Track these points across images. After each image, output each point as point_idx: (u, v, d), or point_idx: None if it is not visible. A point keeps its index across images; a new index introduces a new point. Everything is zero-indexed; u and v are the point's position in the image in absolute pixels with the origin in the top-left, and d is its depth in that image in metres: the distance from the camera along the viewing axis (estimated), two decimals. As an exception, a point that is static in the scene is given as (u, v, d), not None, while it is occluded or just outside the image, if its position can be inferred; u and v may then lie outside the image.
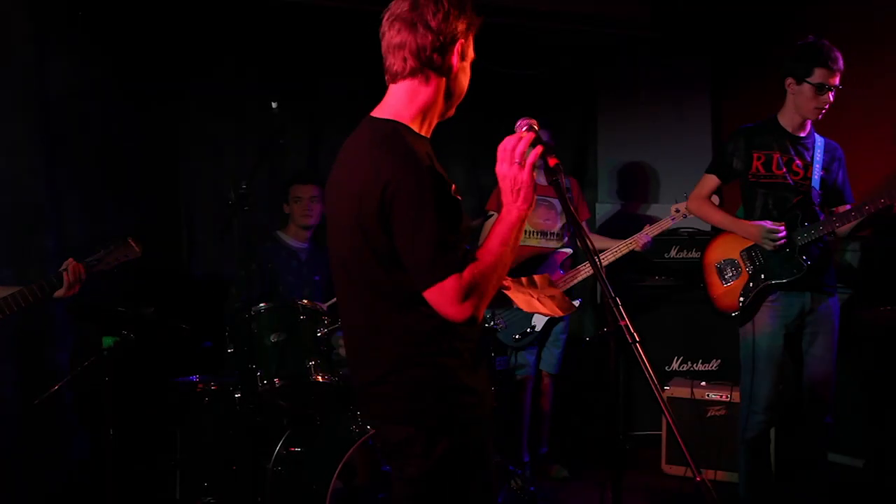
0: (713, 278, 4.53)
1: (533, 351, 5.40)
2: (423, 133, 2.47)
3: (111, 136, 5.15)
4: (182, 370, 4.72)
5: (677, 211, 5.24)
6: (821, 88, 4.20)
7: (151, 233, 5.23)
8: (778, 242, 4.27)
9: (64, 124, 4.89)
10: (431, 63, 2.41)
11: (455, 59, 2.43)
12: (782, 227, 4.28)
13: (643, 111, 6.73)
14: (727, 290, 4.46)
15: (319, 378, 4.39)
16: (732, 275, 4.46)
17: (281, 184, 5.45)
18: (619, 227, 6.23)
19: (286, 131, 4.60)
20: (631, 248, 5.27)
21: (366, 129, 2.46)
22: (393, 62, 2.44)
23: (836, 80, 4.21)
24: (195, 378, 4.59)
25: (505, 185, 2.38)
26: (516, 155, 2.35)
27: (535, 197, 2.39)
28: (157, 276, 5.20)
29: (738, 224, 4.43)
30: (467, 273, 2.28)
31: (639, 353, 2.16)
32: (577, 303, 5.31)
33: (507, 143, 2.37)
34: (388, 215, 2.30)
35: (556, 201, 5.44)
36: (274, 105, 4.27)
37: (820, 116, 4.30)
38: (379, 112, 2.48)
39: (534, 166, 2.35)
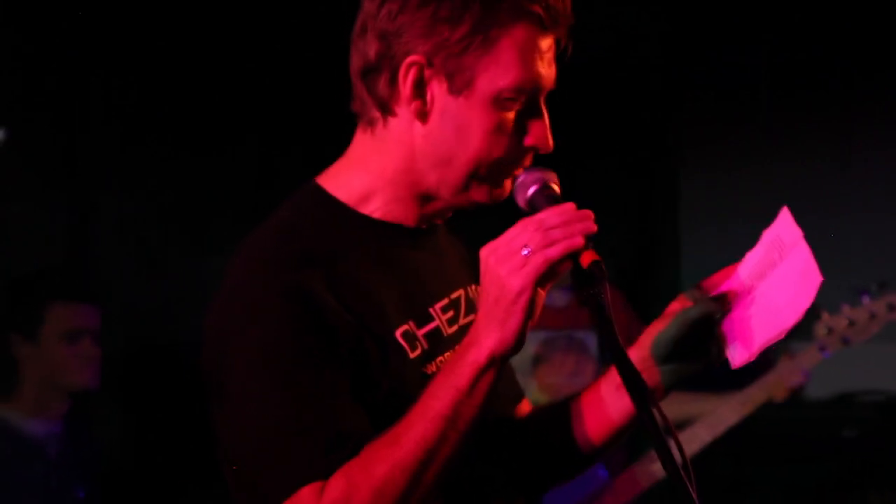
0: None
1: None
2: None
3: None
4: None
5: (850, 326, 3.09)
6: None
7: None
8: None
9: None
10: None
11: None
12: None
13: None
14: None
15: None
16: None
17: None
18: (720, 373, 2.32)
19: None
20: (768, 396, 3.10)
21: None
22: None
23: None
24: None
25: (491, 287, 1.21)
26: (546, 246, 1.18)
27: (527, 326, 1.21)
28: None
29: None
30: (339, 481, 1.19)
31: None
32: None
33: (549, 216, 1.21)
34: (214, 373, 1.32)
35: (589, 337, 3.33)
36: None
37: None
38: None
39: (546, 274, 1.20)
